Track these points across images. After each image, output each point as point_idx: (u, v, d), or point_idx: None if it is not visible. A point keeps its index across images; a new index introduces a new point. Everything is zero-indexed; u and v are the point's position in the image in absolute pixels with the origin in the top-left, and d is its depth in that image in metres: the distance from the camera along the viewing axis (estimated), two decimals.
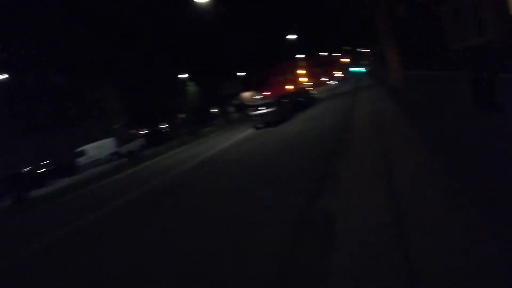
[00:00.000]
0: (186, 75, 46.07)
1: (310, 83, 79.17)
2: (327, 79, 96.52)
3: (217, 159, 14.39)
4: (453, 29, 15.28)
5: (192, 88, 49.68)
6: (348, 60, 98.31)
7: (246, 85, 70.10)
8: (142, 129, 50.28)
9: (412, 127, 8.46)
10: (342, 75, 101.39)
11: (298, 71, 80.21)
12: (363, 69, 71.89)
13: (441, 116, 8.87)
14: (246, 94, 73.98)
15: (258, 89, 73.68)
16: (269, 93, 67.76)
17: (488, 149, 5.13)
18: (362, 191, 5.28)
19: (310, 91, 37.36)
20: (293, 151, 11.08)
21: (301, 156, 9.89)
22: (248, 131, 22.25)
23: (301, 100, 28.07)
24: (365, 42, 52.83)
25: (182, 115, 53.57)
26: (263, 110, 21.65)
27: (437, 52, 15.06)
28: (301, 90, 35.72)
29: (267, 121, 21.34)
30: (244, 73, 67.60)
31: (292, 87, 69.38)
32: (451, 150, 5.60)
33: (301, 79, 78.74)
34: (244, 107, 50.13)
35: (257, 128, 21.83)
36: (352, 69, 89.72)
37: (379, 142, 8.17)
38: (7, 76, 26.08)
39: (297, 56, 76.57)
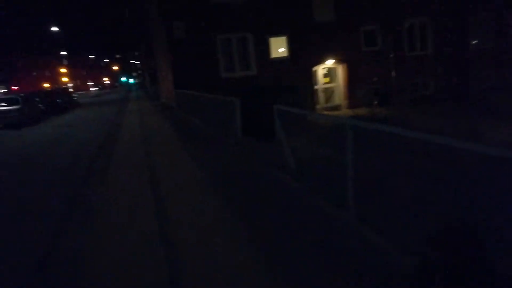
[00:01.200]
0: None
1: (72, 85, 70.70)
2: (93, 84, 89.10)
3: None
4: (224, 60, 16.38)
5: None
6: (119, 68, 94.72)
7: None
8: None
9: (180, 144, 7.87)
10: (111, 82, 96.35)
11: (60, 70, 70.40)
12: (134, 81, 70.46)
13: (207, 138, 8.76)
14: None
15: (4, 81, 59.64)
16: (16, 87, 56.02)
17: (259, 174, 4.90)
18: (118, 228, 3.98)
19: (72, 94, 32.82)
20: (33, 166, 8.51)
21: (43, 175, 7.54)
22: None
23: (59, 102, 23.92)
24: (140, 53, 51.91)
25: None
26: (4, 107, 16.93)
27: (209, 77, 15.66)
28: (60, 91, 30.78)
29: (7, 122, 16.71)
30: None
31: (48, 85, 60.09)
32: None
33: (62, 79, 69.21)
34: None
35: None
36: (122, 78, 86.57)
37: (144, 164, 7.12)
38: None
39: (61, 52, 67.34)
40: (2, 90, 51.23)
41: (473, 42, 19.27)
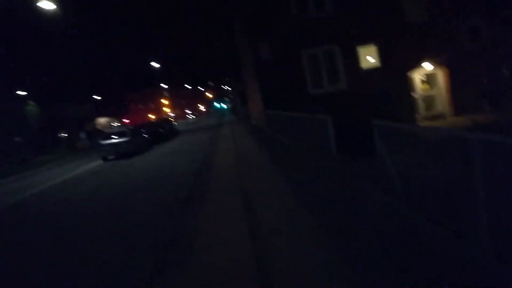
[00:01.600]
0: (25, 93, 39.26)
1: (173, 114, 77.41)
2: (190, 111, 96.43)
3: (44, 200, 11.20)
4: (312, 75, 16.06)
5: (32, 108, 42.22)
6: (212, 95, 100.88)
7: (103, 109, 64.05)
8: None
9: (274, 169, 7.67)
10: (206, 109, 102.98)
11: (162, 101, 77.84)
12: (226, 106, 74.09)
13: (299, 158, 8.41)
14: (102, 120, 67.26)
15: (116, 115, 68.00)
16: (128, 120, 63.27)
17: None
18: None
19: (173, 122, 35.66)
20: (142, 193, 9.17)
21: (150, 201, 8.04)
22: (95, 163, 19.04)
23: (162, 131, 26.10)
24: (229, 79, 54.58)
25: (18, 139, 44.86)
26: (116, 140, 18.94)
27: (297, 94, 15.48)
28: (163, 121, 33.69)
29: (120, 152, 18.66)
30: (100, 97, 62.03)
31: (153, 116, 66.43)
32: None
33: (164, 109, 76.32)
34: (97, 134, 44.80)
35: (106, 160, 18.87)
36: (215, 104, 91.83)
37: (240, 187, 7.05)
38: None
39: (161, 85, 74.63)
40: (115, 124, 58.17)
41: None
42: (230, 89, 65.99)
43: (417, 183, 4.12)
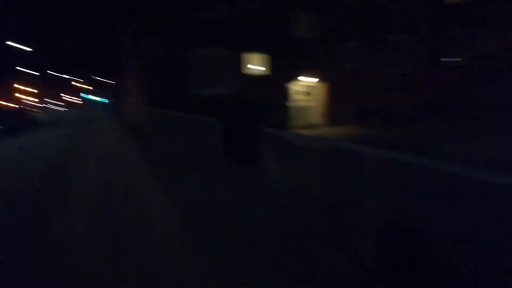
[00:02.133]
0: None
1: (35, 104, 67.26)
2: (58, 102, 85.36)
3: None
4: (198, 77, 15.37)
5: None
6: (86, 86, 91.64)
7: None
8: None
9: (148, 172, 6.72)
10: (78, 101, 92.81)
11: (20, 87, 66.86)
12: (103, 99, 68.19)
13: (181, 165, 7.63)
14: None
15: None
16: None
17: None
18: None
19: (32, 113, 30.77)
20: None
21: None
22: None
23: (16, 123, 22.01)
24: (112, 71, 50.10)
25: None
26: None
27: (182, 95, 14.61)
28: (18, 110, 28.74)
29: None
30: None
31: (7, 104, 56.80)
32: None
33: (22, 97, 65.64)
34: None
35: None
36: (89, 97, 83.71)
37: (104, 196, 5.91)
38: None
39: (20, 69, 64.19)
40: None
41: (455, 59, 19.15)
42: (110, 82, 60.81)
43: (304, 196, 3.76)
